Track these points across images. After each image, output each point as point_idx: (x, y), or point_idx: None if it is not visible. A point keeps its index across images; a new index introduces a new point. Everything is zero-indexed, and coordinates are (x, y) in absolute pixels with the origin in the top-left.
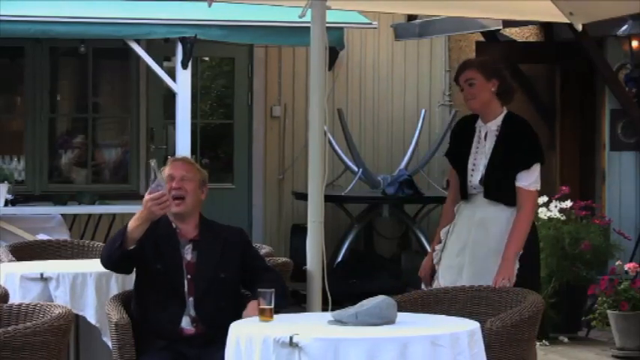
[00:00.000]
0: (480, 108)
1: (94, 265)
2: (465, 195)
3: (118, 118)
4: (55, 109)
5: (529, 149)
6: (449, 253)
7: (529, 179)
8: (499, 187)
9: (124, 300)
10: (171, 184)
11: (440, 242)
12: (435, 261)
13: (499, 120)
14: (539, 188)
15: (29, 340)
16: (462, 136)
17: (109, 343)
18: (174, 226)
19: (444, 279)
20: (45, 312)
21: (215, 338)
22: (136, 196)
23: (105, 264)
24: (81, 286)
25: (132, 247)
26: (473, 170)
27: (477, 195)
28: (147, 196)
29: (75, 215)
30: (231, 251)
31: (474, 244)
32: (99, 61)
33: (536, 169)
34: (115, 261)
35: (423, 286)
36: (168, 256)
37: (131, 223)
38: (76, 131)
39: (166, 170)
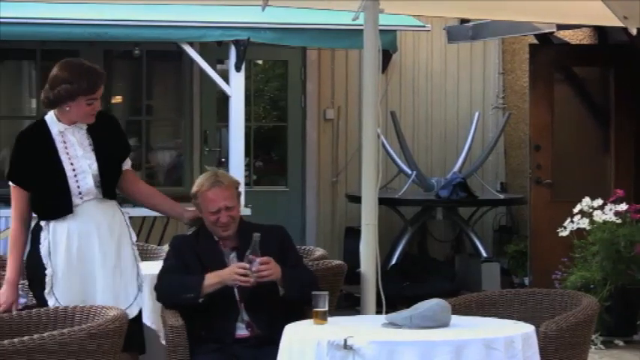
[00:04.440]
0: None
1: (149, 268)
2: (69, 207)
3: (171, 120)
4: (109, 111)
5: (122, 133)
6: (67, 275)
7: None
8: (113, 182)
9: None
10: (217, 216)
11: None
12: (46, 291)
13: None
14: None
15: (84, 343)
16: (37, 149)
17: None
18: (215, 238)
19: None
20: (100, 314)
21: (269, 340)
22: (190, 199)
23: (163, 302)
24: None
25: (200, 300)
26: (77, 176)
27: (88, 202)
28: (235, 267)
29: (129, 217)
30: (269, 251)
31: (102, 253)
32: (153, 64)
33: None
34: (177, 307)
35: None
36: (215, 269)
37: (209, 281)
38: (129, 134)
39: (206, 193)
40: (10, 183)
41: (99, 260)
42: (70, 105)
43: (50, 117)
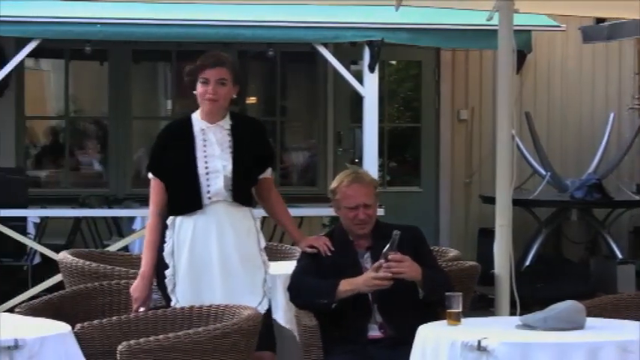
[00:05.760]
0: (217, 110)
1: (282, 268)
2: (197, 206)
3: (305, 121)
4: (243, 112)
5: (267, 141)
6: (188, 274)
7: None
8: (246, 188)
9: None
10: (355, 212)
11: (167, 267)
12: (169, 289)
13: (228, 119)
14: None
15: (218, 342)
16: (178, 144)
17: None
18: (350, 238)
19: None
20: (234, 314)
21: (403, 341)
22: (323, 200)
23: (296, 304)
24: (271, 288)
25: (333, 306)
26: (208, 175)
27: (217, 203)
28: (371, 273)
29: (264, 217)
30: (405, 250)
31: (223, 256)
32: (287, 65)
33: None
34: (309, 309)
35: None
36: (349, 269)
37: (343, 287)
38: None
39: (345, 189)
40: (150, 175)
41: (218, 264)
42: (195, 89)
43: (196, 114)
